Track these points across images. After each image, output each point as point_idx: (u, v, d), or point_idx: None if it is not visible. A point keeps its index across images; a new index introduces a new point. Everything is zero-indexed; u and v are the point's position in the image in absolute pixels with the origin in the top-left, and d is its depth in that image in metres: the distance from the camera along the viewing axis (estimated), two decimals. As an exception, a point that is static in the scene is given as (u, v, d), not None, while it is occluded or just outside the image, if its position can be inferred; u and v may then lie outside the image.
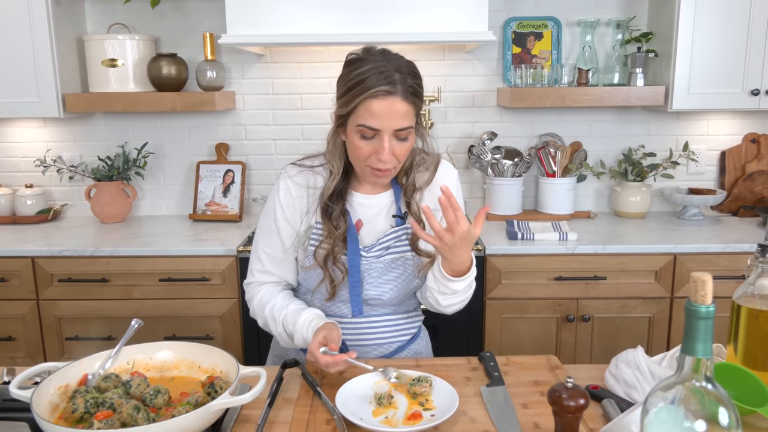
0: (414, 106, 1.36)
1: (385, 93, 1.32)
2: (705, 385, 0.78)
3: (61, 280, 2.43)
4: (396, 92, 1.32)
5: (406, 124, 1.35)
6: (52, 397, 1.11)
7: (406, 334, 1.59)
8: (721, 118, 2.90)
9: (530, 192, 2.94)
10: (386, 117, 1.32)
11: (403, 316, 1.58)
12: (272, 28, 2.40)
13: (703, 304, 0.76)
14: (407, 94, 1.34)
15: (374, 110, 1.32)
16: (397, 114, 1.33)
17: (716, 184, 2.96)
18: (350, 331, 1.52)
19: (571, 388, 0.97)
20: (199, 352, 1.26)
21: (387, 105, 1.32)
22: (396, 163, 1.39)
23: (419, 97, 1.38)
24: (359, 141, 1.36)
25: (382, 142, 1.34)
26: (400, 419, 1.17)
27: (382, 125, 1.33)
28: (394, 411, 1.20)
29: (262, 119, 2.92)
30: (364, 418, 1.17)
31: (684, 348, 0.78)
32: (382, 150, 1.34)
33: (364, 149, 1.37)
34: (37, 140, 2.92)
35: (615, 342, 2.45)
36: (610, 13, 2.81)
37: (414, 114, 1.37)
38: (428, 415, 1.17)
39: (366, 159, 1.38)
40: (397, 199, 1.50)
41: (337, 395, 1.22)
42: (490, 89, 2.88)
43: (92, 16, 2.84)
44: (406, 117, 1.34)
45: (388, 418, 1.18)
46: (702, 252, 2.40)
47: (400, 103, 1.33)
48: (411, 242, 1.48)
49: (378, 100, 1.32)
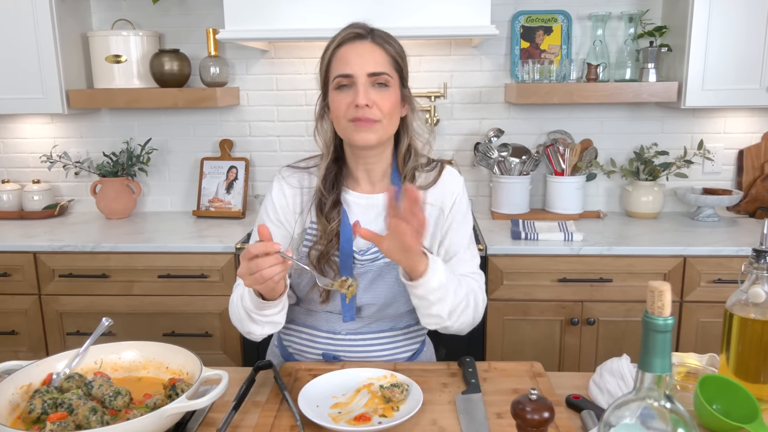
0: (390, 56, 1.35)
1: (354, 36, 1.34)
2: (664, 404, 0.72)
3: (62, 276, 2.44)
4: (366, 37, 1.34)
5: (381, 69, 1.33)
6: (13, 396, 1.09)
7: (406, 350, 1.51)
8: (738, 116, 2.80)
9: (538, 191, 2.87)
10: (357, 60, 1.32)
11: (402, 332, 1.50)
12: (272, 23, 2.37)
13: (660, 316, 0.70)
14: (380, 41, 1.35)
15: (345, 55, 1.33)
16: (369, 57, 1.33)
17: (733, 184, 2.86)
18: (347, 347, 1.45)
19: (536, 400, 0.92)
20: (166, 352, 1.23)
21: (357, 48, 1.33)
22: (379, 115, 1.33)
23: (399, 56, 1.37)
24: (337, 95, 1.34)
25: (357, 86, 1.32)
26: (349, 418, 1.14)
27: (354, 69, 1.31)
28: (349, 408, 1.18)
29: (266, 115, 2.90)
30: (320, 405, 1.17)
31: (641, 363, 0.73)
32: (357, 94, 1.31)
33: (341, 101, 1.34)
34: (44, 136, 2.95)
35: (621, 346, 2.37)
36: (622, 6, 2.72)
37: (392, 65, 1.35)
38: (377, 420, 1.13)
39: (346, 111, 1.33)
40: (396, 199, 1.45)
41: (301, 392, 1.20)
42: (497, 85, 2.82)
43: (97, 13, 2.84)
44: (380, 62, 1.33)
45: (341, 413, 1.16)
46: (713, 255, 2.31)
47: (372, 47, 1.34)
48: None
49: (348, 45, 1.34)
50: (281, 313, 1.31)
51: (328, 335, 1.45)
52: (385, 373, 1.29)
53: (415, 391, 1.21)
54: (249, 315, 1.29)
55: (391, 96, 1.34)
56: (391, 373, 1.28)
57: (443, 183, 1.46)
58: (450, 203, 1.46)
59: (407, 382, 1.24)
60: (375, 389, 1.24)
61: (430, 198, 1.45)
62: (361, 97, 1.30)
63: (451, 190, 1.46)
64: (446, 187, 1.46)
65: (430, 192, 1.45)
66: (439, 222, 1.45)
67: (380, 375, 1.28)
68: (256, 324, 1.30)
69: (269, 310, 1.27)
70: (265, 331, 1.32)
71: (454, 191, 1.46)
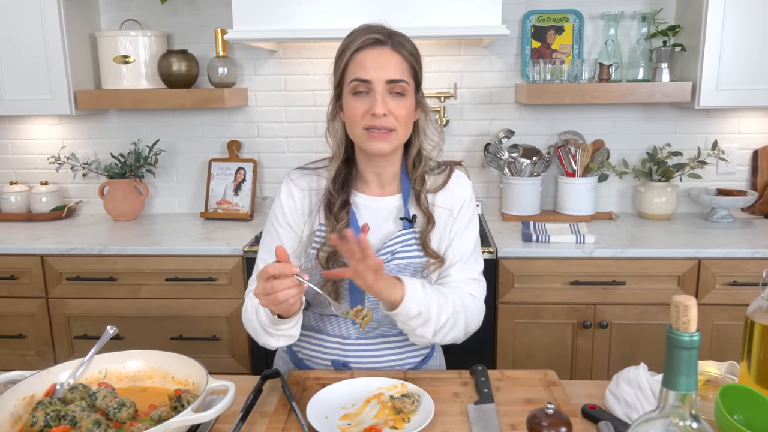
0: (408, 62, 1.33)
1: (374, 42, 1.31)
2: (690, 424, 0.69)
3: (70, 279, 2.43)
4: (386, 43, 1.32)
5: (399, 76, 1.31)
6: (15, 408, 1.07)
7: (416, 355, 1.50)
8: (754, 116, 2.75)
9: (549, 192, 2.83)
10: (376, 66, 1.30)
11: None
12: (280, 23, 2.35)
13: (686, 332, 0.67)
14: (398, 47, 1.32)
15: (363, 60, 1.31)
16: (388, 63, 1.30)
17: (748, 184, 2.81)
18: (356, 352, 1.43)
19: (552, 414, 0.89)
20: (172, 361, 1.20)
21: (376, 54, 1.31)
22: (395, 124, 1.32)
23: (416, 60, 1.35)
24: (353, 100, 1.32)
25: (375, 94, 1.29)
26: (360, 430, 1.11)
27: (372, 75, 1.29)
28: (359, 419, 1.15)
29: (274, 116, 2.87)
30: (329, 417, 1.15)
31: (666, 381, 0.69)
32: (375, 103, 1.29)
33: (358, 108, 1.31)
34: (52, 137, 2.93)
35: (634, 350, 2.34)
36: (635, 5, 2.68)
37: (409, 72, 1.33)
38: None
39: (362, 119, 1.32)
40: (405, 202, 1.43)
41: (309, 403, 1.17)
42: (508, 85, 2.78)
43: (106, 13, 2.83)
44: (399, 69, 1.31)
45: (350, 425, 1.13)
46: (728, 257, 2.26)
47: (391, 53, 1.31)
48: (421, 240, 1.41)
49: (367, 50, 1.31)
50: (296, 327, 1.31)
51: (338, 340, 1.43)
52: (396, 383, 1.26)
53: (426, 401, 1.18)
54: (264, 329, 1.29)
55: (407, 104, 1.33)
56: (402, 383, 1.26)
57: (452, 186, 1.46)
58: (459, 206, 1.45)
59: (418, 392, 1.21)
60: (385, 399, 1.21)
61: (439, 201, 1.44)
62: (379, 106, 1.29)
63: (460, 194, 1.46)
64: (455, 191, 1.45)
65: (439, 195, 1.44)
66: (449, 224, 1.45)
67: (390, 384, 1.26)
68: (272, 337, 1.31)
69: (284, 325, 1.27)
70: (280, 343, 1.32)
71: (463, 194, 1.46)
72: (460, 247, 1.44)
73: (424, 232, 1.40)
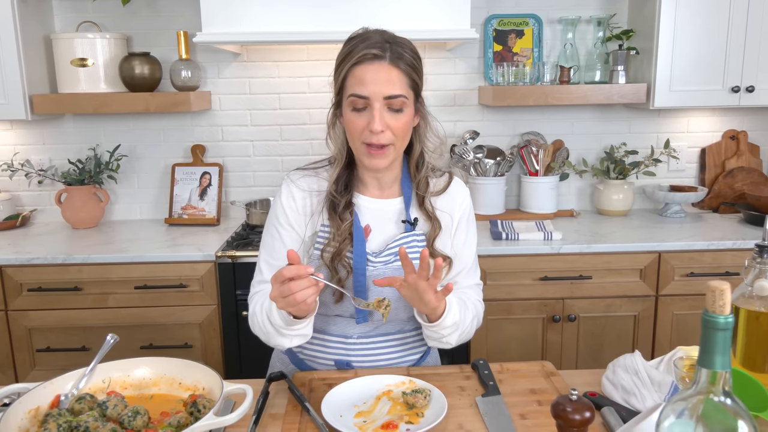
0: (407, 75, 1.31)
1: (372, 57, 1.28)
2: (723, 400, 0.74)
3: (31, 290, 2.33)
4: (384, 57, 1.28)
5: (398, 91, 1.29)
6: (22, 421, 1.03)
7: (415, 353, 1.52)
8: (701, 116, 2.90)
9: (513, 191, 2.91)
10: (374, 82, 1.28)
11: (411, 334, 1.50)
12: (249, 26, 2.33)
13: (721, 315, 0.72)
14: (396, 60, 1.29)
15: (361, 76, 1.29)
16: (386, 79, 1.28)
17: (697, 181, 2.97)
18: (358, 350, 1.44)
19: (576, 400, 0.92)
20: (179, 367, 1.19)
21: (374, 69, 1.28)
22: (392, 139, 1.32)
23: (415, 70, 1.33)
24: (352, 115, 1.32)
25: (373, 111, 1.29)
26: (376, 426, 1.13)
27: (370, 91, 1.28)
28: (373, 416, 1.17)
29: (239, 120, 2.84)
30: (344, 415, 1.16)
31: (701, 360, 0.74)
32: (373, 120, 1.29)
33: (357, 123, 1.31)
34: (3, 143, 2.81)
35: (601, 341, 2.43)
36: (590, 10, 2.79)
37: (408, 84, 1.31)
38: (405, 428, 1.12)
39: (360, 134, 1.32)
40: (407, 205, 1.45)
41: (323, 402, 1.18)
42: (471, 88, 2.84)
43: (60, 14, 2.73)
44: (397, 84, 1.29)
45: (365, 422, 1.14)
46: (686, 250, 2.39)
47: (389, 68, 1.28)
48: (427, 241, 1.43)
49: (364, 65, 1.29)
50: (309, 326, 1.31)
51: (340, 339, 1.44)
52: (403, 380, 1.28)
53: (437, 396, 1.20)
54: (277, 330, 1.29)
55: (405, 118, 1.33)
56: (410, 379, 1.28)
57: (453, 191, 1.49)
58: (459, 212, 1.49)
59: (428, 387, 1.23)
60: (395, 396, 1.23)
61: (440, 204, 1.47)
62: (377, 123, 1.29)
63: (460, 200, 1.49)
64: (456, 196, 1.49)
65: (440, 199, 1.47)
66: (449, 228, 1.48)
67: (398, 381, 1.28)
68: (285, 338, 1.30)
69: (299, 325, 1.27)
70: (293, 343, 1.32)
71: (463, 201, 1.50)
72: (465, 255, 1.48)
73: (430, 236, 1.43)
